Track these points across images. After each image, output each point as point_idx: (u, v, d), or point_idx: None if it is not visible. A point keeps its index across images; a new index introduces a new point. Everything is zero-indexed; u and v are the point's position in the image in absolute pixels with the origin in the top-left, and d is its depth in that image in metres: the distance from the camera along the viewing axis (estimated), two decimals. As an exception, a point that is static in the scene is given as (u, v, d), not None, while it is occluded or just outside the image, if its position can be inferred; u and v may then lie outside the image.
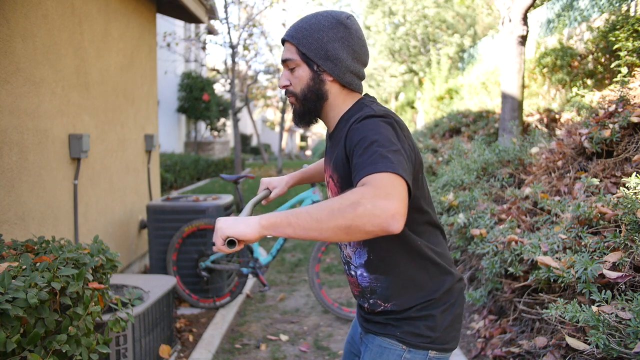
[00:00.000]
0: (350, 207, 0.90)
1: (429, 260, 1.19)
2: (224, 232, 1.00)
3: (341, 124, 1.21)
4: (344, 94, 1.22)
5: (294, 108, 1.25)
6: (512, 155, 3.70)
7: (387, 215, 0.88)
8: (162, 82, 11.79)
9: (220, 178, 3.90)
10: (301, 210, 0.95)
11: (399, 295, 1.19)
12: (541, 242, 2.30)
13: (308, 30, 1.18)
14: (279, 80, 1.24)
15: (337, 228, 0.91)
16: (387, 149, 0.98)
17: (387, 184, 0.92)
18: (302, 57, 1.19)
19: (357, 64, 1.21)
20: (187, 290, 3.59)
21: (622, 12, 4.24)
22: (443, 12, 11.19)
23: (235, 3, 10.54)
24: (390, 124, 1.05)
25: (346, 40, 1.18)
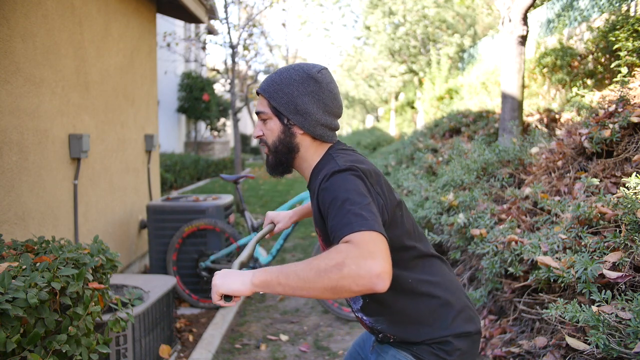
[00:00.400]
0: (335, 268, 0.92)
1: (426, 295, 1.18)
2: (219, 290, 1.05)
3: (313, 177, 1.23)
4: (315, 146, 1.24)
5: (267, 159, 1.29)
6: (512, 155, 3.70)
7: (371, 276, 0.90)
8: (162, 82, 11.78)
9: (220, 178, 3.90)
10: (290, 269, 0.98)
11: (405, 331, 1.20)
12: (541, 242, 2.30)
13: (279, 84, 1.21)
14: (254, 131, 1.28)
15: (323, 289, 0.94)
16: (359, 205, 1.00)
17: (368, 243, 0.94)
18: (273, 111, 1.22)
19: (328, 117, 1.23)
20: (187, 290, 3.59)
21: (622, 12, 4.24)
22: (443, 12, 11.18)
23: (235, 3, 10.54)
24: (357, 176, 1.07)
25: (316, 95, 1.20)
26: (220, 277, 1.07)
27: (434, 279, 1.20)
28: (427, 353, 1.17)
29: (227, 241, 3.64)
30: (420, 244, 1.22)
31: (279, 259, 4.98)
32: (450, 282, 1.23)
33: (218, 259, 3.52)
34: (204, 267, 3.53)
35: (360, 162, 1.14)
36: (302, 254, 5.20)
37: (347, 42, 33.61)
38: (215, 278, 1.07)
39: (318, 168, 1.22)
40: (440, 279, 1.21)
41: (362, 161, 1.16)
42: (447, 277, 1.23)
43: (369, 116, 25.48)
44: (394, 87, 15.61)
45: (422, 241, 1.23)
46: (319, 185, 1.12)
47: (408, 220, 1.21)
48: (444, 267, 1.25)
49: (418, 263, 1.19)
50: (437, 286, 1.19)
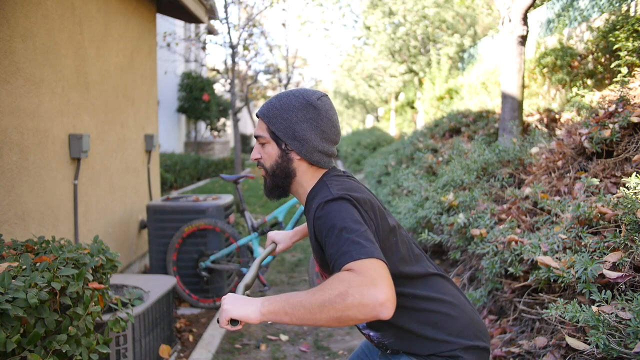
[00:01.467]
0: (339, 298, 0.93)
1: (428, 311, 1.19)
2: (228, 314, 1.06)
3: (308, 204, 1.24)
4: (312, 172, 1.26)
5: (265, 181, 1.31)
6: (512, 155, 3.70)
7: (375, 305, 0.91)
8: (162, 82, 11.78)
9: (220, 178, 3.90)
10: (296, 299, 0.99)
11: (412, 346, 1.20)
12: (541, 242, 2.30)
13: (278, 110, 1.23)
14: (252, 153, 1.29)
15: (329, 319, 0.95)
16: (356, 233, 1.01)
17: (370, 270, 0.94)
18: (271, 135, 1.24)
19: (326, 143, 1.24)
20: (187, 290, 3.59)
21: (622, 12, 4.24)
22: (443, 12, 11.18)
23: (235, 3, 10.54)
24: (350, 204, 1.08)
25: (314, 122, 1.22)
26: (229, 302, 1.08)
27: (435, 295, 1.20)
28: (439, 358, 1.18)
29: (227, 241, 3.64)
30: (418, 266, 1.22)
31: (279, 259, 4.98)
32: (453, 297, 1.23)
33: (218, 259, 3.52)
34: (204, 267, 3.53)
35: (353, 190, 1.15)
36: (302, 254, 5.20)
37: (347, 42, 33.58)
38: (225, 302, 1.08)
39: (312, 194, 1.23)
40: (442, 295, 1.21)
41: (355, 188, 1.17)
42: (450, 293, 1.23)
43: (369, 116, 25.49)
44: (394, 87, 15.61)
45: (419, 262, 1.23)
46: (314, 213, 1.13)
47: (403, 245, 1.21)
48: (445, 283, 1.25)
49: (417, 283, 1.20)
50: (439, 302, 1.19)
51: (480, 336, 1.20)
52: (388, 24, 12.03)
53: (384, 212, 1.20)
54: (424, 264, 1.24)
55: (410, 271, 1.19)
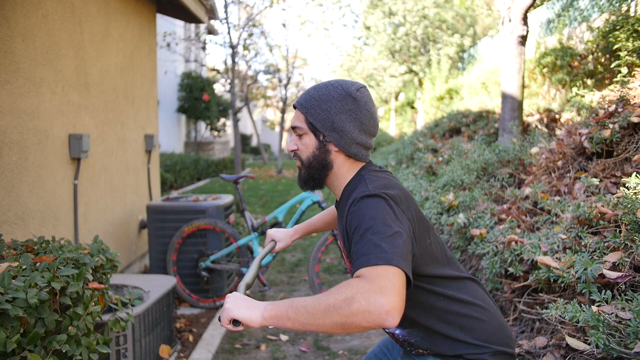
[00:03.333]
0: (345, 303, 0.92)
1: (458, 314, 1.17)
2: (230, 314, 1.05)
3: (343, 198, 1.22)
4: (349, 164, 1.23)
5: (300, 173, 1.28)
6: (512, 155, 3.70)
7: (381, 312, 0.89)
8: (162, 82, 11.78)
9: (220, 178, 3.90)
10: (299, 304, 0.98)
11: (439, 345, 1.18)
12: (541, 242, 2.30)
13: (317, 101, 1.21)
14: (288, 144, 1.27)
15: (333, 324, 0.93)
16: (382, 235, 0.99)
17: (381, 277, 0.93)
18: (309, 126, 1.22)
19: (364, 136, 1.22)
20: (187, 290, 3.59)
21: (622, 12, 4.24)
22: (443, 13, 11.19)
23: (235, 3, 10.54)
24: (386, 203, 1.06)
25: (354, 113, 1.19)
26: (232, 301, 1.07)
27: (467, 298, 1.18)
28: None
29: (227, 241, 3.64)
30: (450, 268, 1.20)
31: (279, 259, 4.98)
32: (483, 301, 1.21)
33: (218, 259, 3.52)
34: (204, 267, 3.53)
35: (391, 187, 1.12)
36: (302, 254, 5.20)
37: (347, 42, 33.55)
38: (227, 301, 1.07)
39: (349, 188, 1.21)
40: (473, 299, 1.19)
41: (393, 186, 1.14)
42: (481, 297, 1.21)
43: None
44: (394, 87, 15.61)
45: (452, 265, 1.21)
46: (348, 208, 1.12)
47: (437, 246, 1.20)
48: (476, 287, 1.23)
49: (449, 284, 1.18)
50: (470, 305, 1.18)
51: (508, 342, 1.19)
52: (388, 24, 12.03)
53: (421, 211, 1.18)
54: (456, 267, 1.23)
55: (443, 273, 1.17)
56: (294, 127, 1.25)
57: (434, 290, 1.15)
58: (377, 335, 3.12)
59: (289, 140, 1.28)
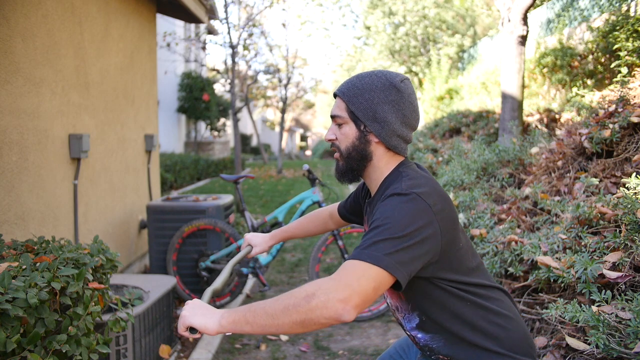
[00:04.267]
0: (304, 301, 0.92)
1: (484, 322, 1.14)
2: (186, 321, 1.04)
3: (379, 192, 1.20)
4: (388, 157, 1.20)
5: (337, 164, 1.24)
6: (512, 155, 3.70)
7: (337, 308, 0.91)
8: (162, 82, 11.78)
9: (220, 178, 3.90)
10: (259, 306, 0.97)
11: (461, 354, 1.15)
12: (541, 242, 2.31)
13: (360, 89, 1.17)
14: (326, 134, 1.23)
15: (292, 323, 0.93)
16: (389, 234, 0.98)
17: (355, 274, 0.94)
18: (350, 116, 1.18)
19: (406, 128, 1.19)
20: (187, 290, 3.59)
21: (622, 12, 4.24)
22: (443, 13, 11.19)
23: (235, 3, 10.54)
24: (414, 202, 1.03)
25: (397, 104, 1.16)
26: (189, 309, 1.05)
27: (494, 307, 1.15)
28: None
29: (227, 241, 3.64)
30: (481, 276, 1.18)
31: (279, 259, 4.98)
32: (509, 310, 1.19)
33: (218, 259, 3.52)
34: (204, 267, 3.53)
35: (427, 187, 1.09)
36: (302, 254, 5.20)
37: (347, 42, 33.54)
38: (185, 308, 1.06)
39: (386, 183, 1.18)
40: (500, 308, 1.17)
41: (429, 185, 1.10)
42: (507, 307, 1.19)
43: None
44: (394, 87, 15.57)
45: (480, 272, 1.19)
46: (380, 201, 1.11)
47: (468, 252, 1.17)
48: (504, 296, 1.21)
49: (477, 291, 1.15)
50: (497, 314, 1.15)
51: (531, 352, 1.17)
52: (388, 24, 12.03)
53: (455, 214, 1.15)
54: (485, 275, 1.20)
55: (472, 279, 1.15)
56: (334, 116, 1.21)
57: (462, 295, 1.12)
58: (377, 336, 3.12)
59: (328, 129, 1.23)
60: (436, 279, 1.10)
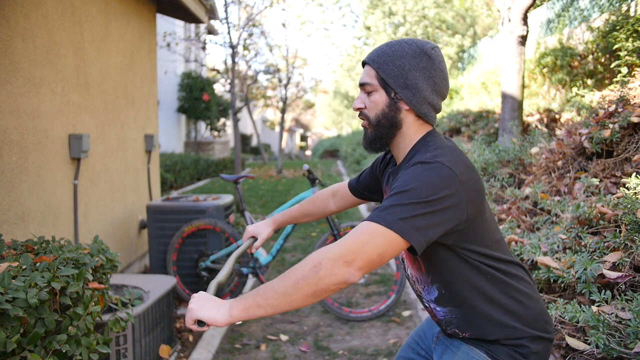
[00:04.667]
0: (312, 272, 0.94)
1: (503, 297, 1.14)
2: (194, 314, 1.03)
3: (405, 161, 1.19)
4: (418, 125, 1.19)
5: (365, 132, 1.23)
6: (512, 155, 3.70)
7: (344, 272, 0.94)
8: (162, 82, 11.78)
9: (220, 178, 3.90)
10: (267, 288, 0.98)
11: (479, 327, 1.15)
12: (541, 242, 2.31)
13: (390, 56, 1.16)
14: (355, 102, 1.22)
15: (305, 296, 0.95)
16: (408, 201, 0.98)
17: (359, 238, 0.96)
18: (380, 83, 1.17)
19: (436, 96, 1.17)
20: (187, 290, 3.59)
21: (622, 12, 4.24)
22: (443, 13, 11.19)
23: (235, 3, 10.54)
24: (438, 170, 1.02)
25: (428, 71, 1.15)
26: (196, 301, 1.04)
27: (512, 281, 1.16)
28: (503, 354, 1.13)
29: (227, 241, 3.64)
30: (503, 250, 1.18)
31: (279, 259, 4.98)
32: (528, 286, 1.19)
33: (218, 259, 3.52)
34: (204, 267, 3.53)
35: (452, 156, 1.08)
36: (302, 254, 5.20)
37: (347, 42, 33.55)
38: (192, 301, 1.05)
39: (412, 152, 1.18)
40: (519, 283, 1.17)
41: (454, 154, 1.10)
42: (525, 282, 1.19)
43: (369, 116, 25.45)
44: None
45: (503, 247, 1.19)
46: (403, 169, 1.12)
47: (492, 224, 1.17)
48: (522, 271, 1.21)
49: (498, 266, 1.15)
50: (516, 290, 1.15)
51: (548, 328, 1.17)
52: (388, 24, 12.03)
53: (482, 185, 1.12)
54: (506, 250, 1.20)
55: (494, 253, 1.14)
56: (363, 84, 1.19)
57: (482, 269, 1.12)
58: (377, 336, 3.12)
59: (357, 98, 1.22)
60: (459, 248, 1.10)
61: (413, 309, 3.52)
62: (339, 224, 3.38)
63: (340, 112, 32.22)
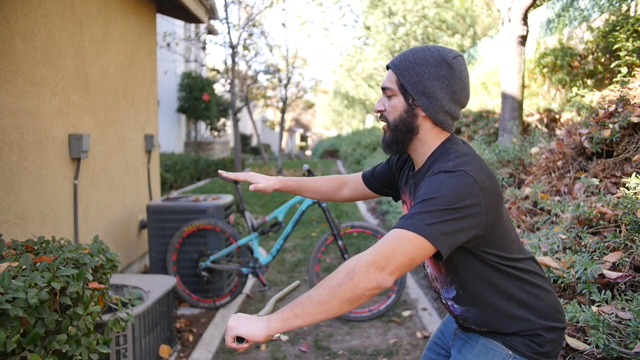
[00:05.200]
0: (347, 278, 0.98)
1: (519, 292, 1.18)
2: (233, 331, 1.06)
3: (424, 167, 1.22)
4: (435, 132, 1.22)
5: (384, 135, 1.27)
6: (512, 155, 3.70)
7: (378, 278, 0.97)
8: (162, 82, 11.78)
9: (221, 178, 3.90)
10: (304, 299, 1.01)
11: (495, 323, 1.19)
12: (541, 242, 2.30)
13: (412, 63, 1.19)
14: (376, 105, 1.26)
15: (341, 303, 0.98)
16: (435, 207, 1.02)
17: (389, 244, 1.00)
18: (400, 88, 1.20)
19: (454, 105, 1.20)
20: (187, 290, 3.59)
21: (622, 12, 4.24)
22: (443, 13, 11.19)
23: (235, 3, 10.54)
24: (461, 179, 1.06)
25: (447, 80, 1.17)
26: (235, 319, 1.08)
27: (527, 276, 1.19)
28: (520, 343, 1.17)
29: (227, 241, 3.64)
30: (518, 248, 1.21)
31: (278, 259, 4.98)
32: (541, 279, 1.23)
33: (218, 259, 3.52)
34: (204, 267, 3.53)
35: (474, 164, 1.11)
36: (302, 254, 5.20)
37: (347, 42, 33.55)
38: (230, 319, 1.08)
39: (432, 158, 1.20)
40: (533, 278, 1.21)
41: (475, 162, 1.12)
42: (538, 275, 1.23)
43: (369, 116, 25.49)
44: (394, 87, 15.56)
45: (518, 244, 1.23)
46: (424, 176, 1.15)
47: (508, 224, 1.20)
48: (535, 265, 1.24)
49: (514, 264, 1.18)
50: (531, 284, 1.19)
51: (561, 318, 1.22)
52: (388, 24, 12.04)
53: (500, 189, 1.16)
54: (521, 248, 1.23)
55: (511, 256, 1.17)
56: (385, 88, 1.23)
57: (500, 268, 1.16)
58: (377, 336, 3.12)
59: (378, 101, 1.25)
60: (478, 251, 1.13)
61: (413, 309, 3.52)
62: (339, 224, 3.38)
63: (340, 112, 32.22)
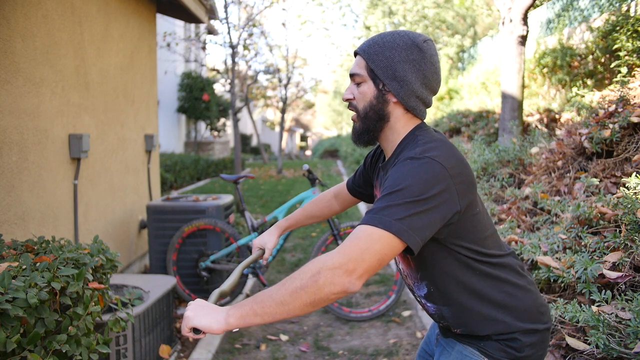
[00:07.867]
0: (311, 281, 0.93)
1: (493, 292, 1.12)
2: (190, 322, 1.01)
3: (393, 156, 1.17)
4: (406, 119, 1.16)
5: (354, 125, 1.21)
6: (512, 155, 3.70)
7: (343, 282, 0.92)
8: (162, 82, 11.78)
9: (220, 178, 3.90)
10: (265, 296, 0.96)
11: (470, 323, 1.14)
12: (541, 242, 2.31)
13: (381, 47, 1.13)
14: (344, 93, 1.20)
15: (303, 305, 0.93)
16: (402, 200, 0.96)
17: (357, 245, 0.94)
18: (369, 74, 1.15)
19: (425, 90, 1.15)
20: (187, 290, 3.59)
21: (622, 12, 4.24)
22: (443, 13, 11.19)
23: (235, 3, 10.54)
24: (429, 166, 1.00)
25: (418, 64, 1.12)
26: (193, 309, 1.03)
27: (502, 275, 1.13)
28: (495, 349, 1.12)
29: (227, 241, 3.64)
30: (496, 244, 1.15)
31: (279, 259, 4.98)
32: (520, 278, 1.16)
33: (218, 259, 3.52)
34: (204, 267, 3.53)
35: (443, 151, 1.05)
36: (302, 254, 5.20)
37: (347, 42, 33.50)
38: (188, 309, 1.03)
39: (401, 146, 1.15)
40: (510, 276, 1.14)
41: (445, 149, 1.06)
42: (516, 274, 1.16)
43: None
44: (394, 87, 15.56)
45: (495, 240, 1.16)
46: (393, 165, 1.09)
47: (484, 217, 1.14)
48: (514, 262, 1.18)
49: (488, 260, 1.12)
50: (506, 283, 1.13)
51: (542, 318, 1.15)
52: (388, 24, 12.03)
53: (473, 179, 1.10)
54: (498, 243, 1.17)
55: (485, 250, 1.12)
56: (353, 75, 1.17)
57: (472, 265, 1.10)
58: (377, 336, 3.12)
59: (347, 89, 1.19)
60: (449, 244, 1.08)
61: (413, 309, 3.52)
62: (339, 224, 3.38)
63: (340, 112, 32.22)
